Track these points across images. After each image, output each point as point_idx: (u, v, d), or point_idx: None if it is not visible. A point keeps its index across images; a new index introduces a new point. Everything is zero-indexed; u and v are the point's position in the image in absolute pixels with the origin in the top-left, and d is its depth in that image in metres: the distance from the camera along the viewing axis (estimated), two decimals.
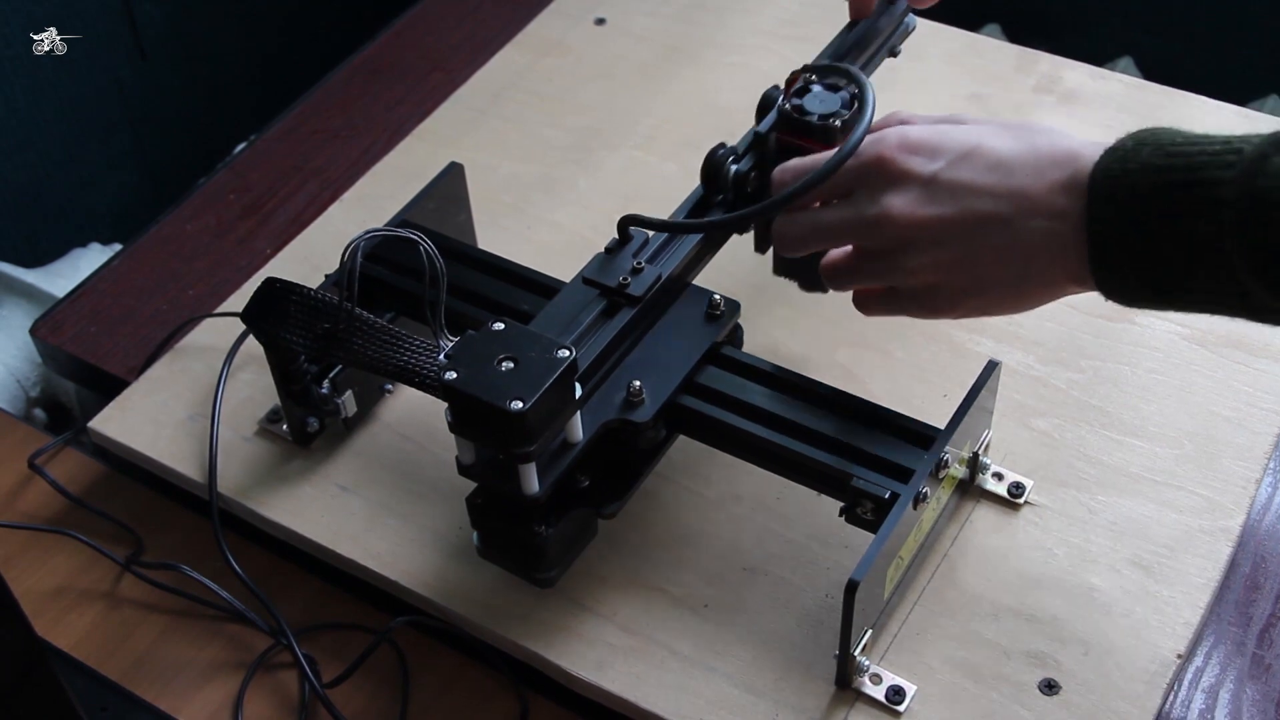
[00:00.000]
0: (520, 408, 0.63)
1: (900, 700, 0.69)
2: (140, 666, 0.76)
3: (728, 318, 0.76)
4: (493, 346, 0.65)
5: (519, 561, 0.73)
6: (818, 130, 0.73)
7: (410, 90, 1.09)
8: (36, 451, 0.86)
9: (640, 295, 0.73)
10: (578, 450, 0.69)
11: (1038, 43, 1.08)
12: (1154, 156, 0.59)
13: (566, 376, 0.65)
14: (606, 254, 0.76)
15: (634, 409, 0.71)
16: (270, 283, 0.72)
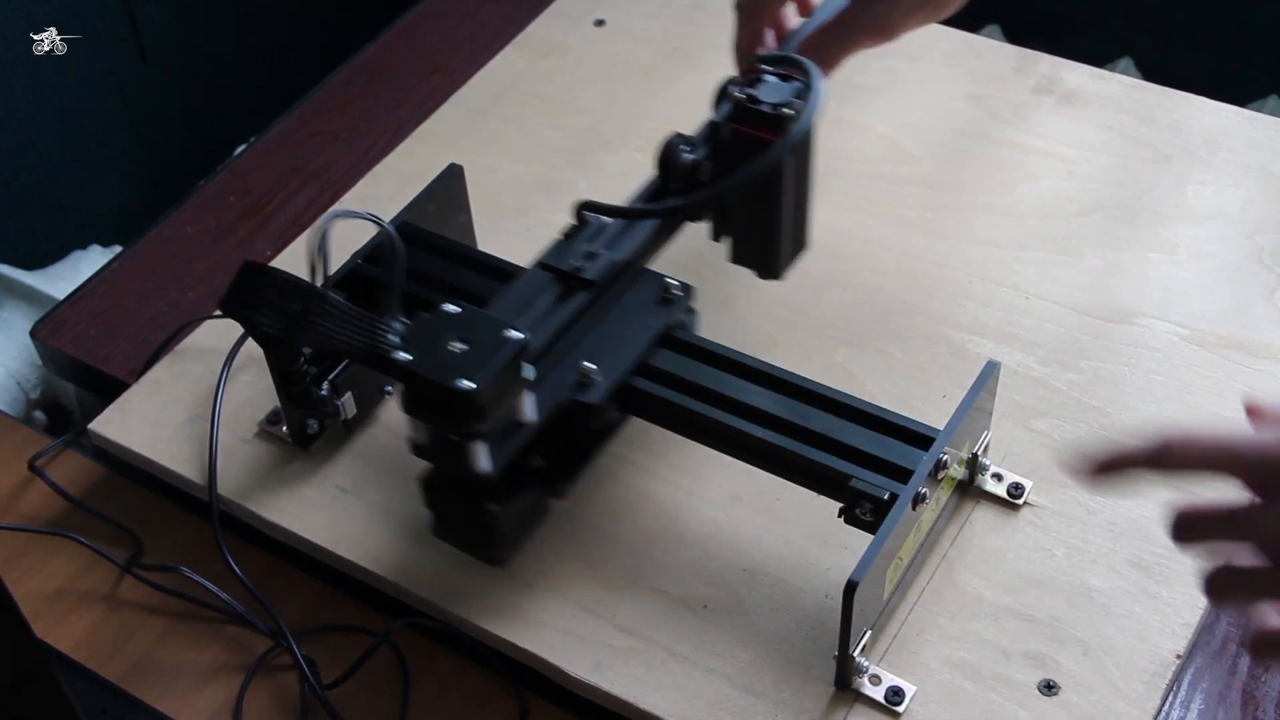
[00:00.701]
0: (470, 388, 0.64)
1: (899, 701, 0.69)
2: (140, 669, 0.76)
3: (681, 301, 0.77)
4: (445, 328, 0.67)
5: (471, 541, 0.75)
6: (770, 119, 0.74)
7: (410, 92, 1.09)
8: (37, 454, 0.86)
9: (594, 280, 0.75)
10: (530, 430, 0.70)
11: (1037, 43, 1.08)
12: None
13: (516, 357, 0.67)
14: (564, 239, 0.77)
15: (586, 390, 0.72)
16: (247, 266, 0.73)
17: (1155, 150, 0.97)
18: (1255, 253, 0.90)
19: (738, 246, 0.82)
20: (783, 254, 0.81)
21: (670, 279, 0.78)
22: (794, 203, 0.80)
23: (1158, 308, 0.87)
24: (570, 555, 0.76)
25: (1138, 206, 0.94)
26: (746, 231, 0.82)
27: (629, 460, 0.81)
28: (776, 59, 0.77)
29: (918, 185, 0.96)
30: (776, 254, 0.81)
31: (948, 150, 0.99)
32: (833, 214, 0.94)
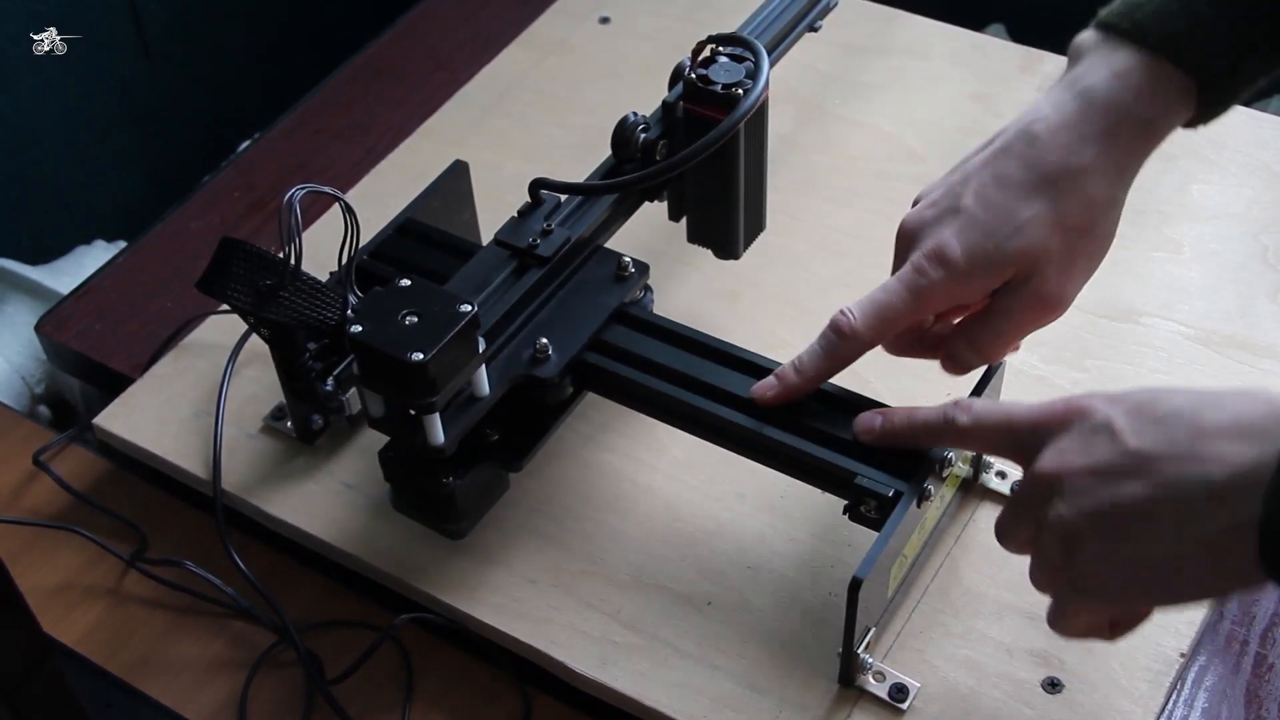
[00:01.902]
0: (420, 359, 0.65)
1: (903, 698, 0.69)
2: (144, 663, 0.76)
3: (636, 279, 0.78)
4: (399, 302, 0.68)
5: (430, 513, 0.77)
6: (721, 99, 0.76)
7: (414, 89, 1.09)
8: (41, 448, 0.86)
9: (549, 256, 0.76)
10: (484, 404, 0.71)
11: (1042, 43, 1.08)
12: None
13: (468, 330, 0.67)
14: (519, 216, 0.78)
15: (540, 365, 0.73)
16: (224, 241, 0.74)
17: (1160, 149, 0.97)
18: (1260, 252, 0.90)
19: (695, 226, 0.84)
20: (740, 234, 0.83)
21: (626, 256, 0.79)
22: (749, 182, 0.81)
23: (1162, 307, 0.87)
24: (575, 552, 0.76)
25: (1142, 206, 0.94)
26: (703, 211, 0.83)
27: (634, 458, 0.81)
28: (726, 39, 0.78)
29: (923, 184, 0.96)
30: (734, 233, 0.83)
31: (953, 149, 0.98)
32: (837, 212, 0.95)
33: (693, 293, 0.89)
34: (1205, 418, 0.53)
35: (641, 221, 0.83)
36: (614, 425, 0.82)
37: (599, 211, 0.79)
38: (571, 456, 0.81)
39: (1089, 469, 0.56)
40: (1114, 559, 0.55)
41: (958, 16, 1.10)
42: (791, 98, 1.03)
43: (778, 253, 0.90)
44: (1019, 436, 0.61)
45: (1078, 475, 0.56)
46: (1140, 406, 0.56)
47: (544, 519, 0.78)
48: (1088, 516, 0.56)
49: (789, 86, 1.03)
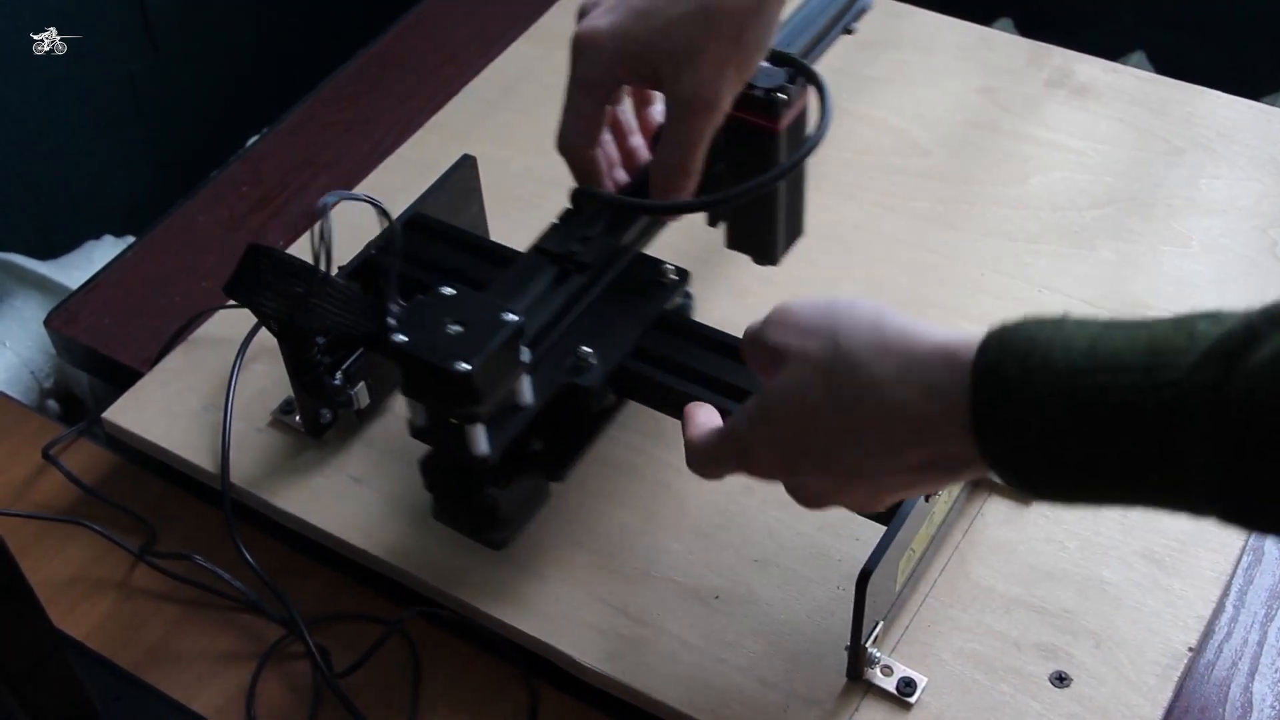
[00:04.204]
0: (465, 369, 0.64)
1: (911, 692, 0.69)
2: (153, 656, 0.76)
3: (677, 285, 0.77)
4: (442, 311, 0.67)
5: (471, 523, 0.76)
6: (763, 104, 0.75)
7: (422, 83, 1.09)
8: (50, 442, 0.86)
9: (590, 263, 0.75)
10: (528, 414, 0.70)
11: (1049, 37, 1.08)
12: (1051, 392, 0.49)
13: (513, 340, 0.67)
14: (560, 224, 0.77)
15: (583, 373, 0.72)
16: (250, 248, 0.73)
17: (1168, 143, 0.97)
18: (1269, 246, 0.90)
19: (734, 232, 0.83)
20: (779, 241, 0.82)
21: (667, 264, 0.78)
22: (790, 190, 0.80)
23: (1170, 300, 0.87)
24: (582, 545, 0.77)
25: (1150, 199, 0.93)
26: (743, 218, 0.82)
27: (642, 451, 0.81)
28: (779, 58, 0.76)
29: (930, 178, 0.96)
30: (773, 241, 0.82)
31: (960, 143, 0.99)
32: (844, 206, 0.94)
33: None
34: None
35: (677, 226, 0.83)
36: (621, 420, 0.82)
37: (639, 219, 0.78)
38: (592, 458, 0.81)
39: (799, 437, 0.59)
40: (832, 485, 0.60)
41: (965, 10, 1.10)
42: None
43: None
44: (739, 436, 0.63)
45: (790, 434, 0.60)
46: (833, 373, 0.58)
47: (552, 513, 0.78)
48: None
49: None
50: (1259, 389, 0.44)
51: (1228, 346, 0.45)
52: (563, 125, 0.74)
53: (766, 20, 0.70)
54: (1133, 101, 1.00)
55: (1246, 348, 0.45)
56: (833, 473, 0.59)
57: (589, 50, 0.71)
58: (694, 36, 0.69)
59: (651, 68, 0.70)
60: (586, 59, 0.71)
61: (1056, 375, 0.49)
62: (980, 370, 0.51)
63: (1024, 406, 0.50)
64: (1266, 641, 0.73)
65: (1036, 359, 0.50)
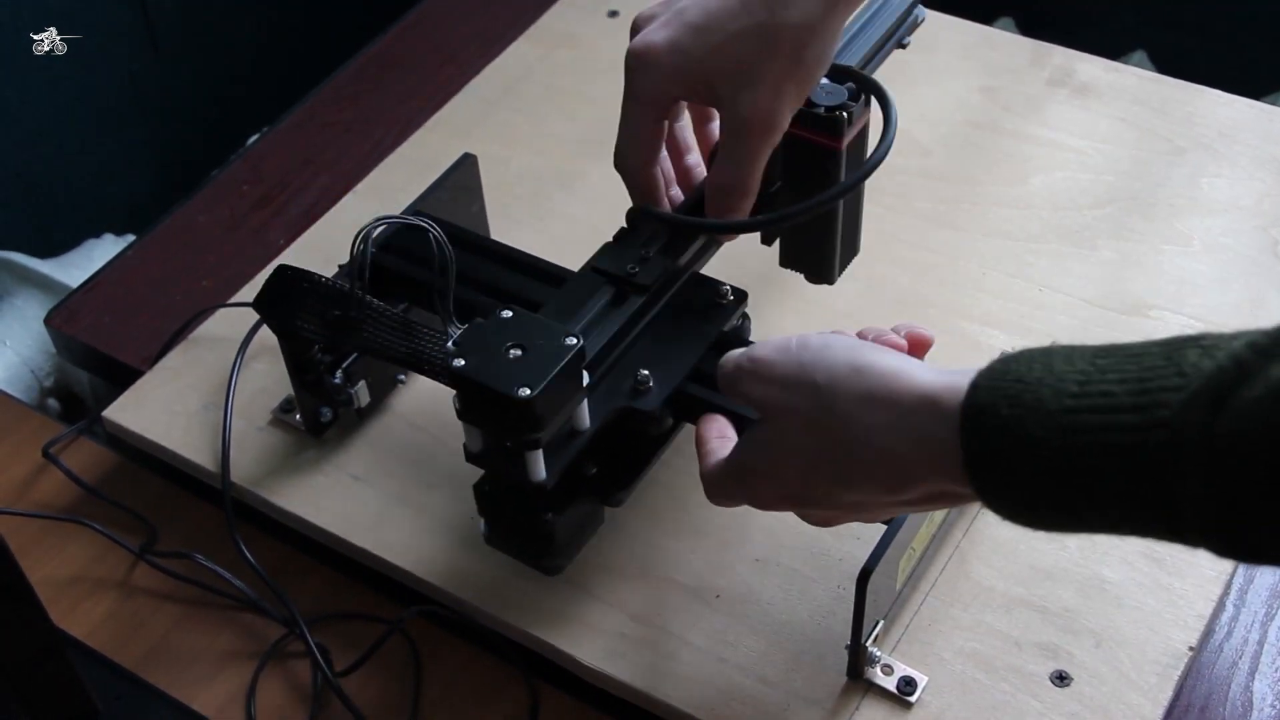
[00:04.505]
0: (528, 394, 0.63)
1: (912, 691, 0.69)
2: (154, 655, 0.76)
3: (735, 306, 0.76)
4: (501, 334, 0.66)
5: (526, 549, 0.73)
6: (824, 121, 0.73)
7: (422, 83, 1.09)
8: (51, 441, 0.86)
9: (648, 284, 0.73)
10: (585, 438, 0.69)
11: (1050, 36, 1.08)
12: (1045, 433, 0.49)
13: (574, 364, 0.65)
14: (615, 243, 0.76)
15: (641, 397, 0.71)
16: (282, 270, 0.73)
17: (1169, 143, 0.97)
18: (1270, 245, 0.90)
19: (789, 251, 0.81)
20: (835, 260, 0.80)
21: (725, 284, 0.76)
22: (848, 209, 0.79)
23: (1172, 300, 0.87)
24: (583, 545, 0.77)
25: (1152, 199, 0.93)
26: (799, 237, 0.80)
27: None
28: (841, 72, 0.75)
29: (931, 177, 0.96)
30: (830, 260, 0.80)
31: (961, 142, 0.99)
32: None
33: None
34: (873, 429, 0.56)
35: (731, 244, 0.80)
36: None
37: (697, 238, 0.76)
38: None
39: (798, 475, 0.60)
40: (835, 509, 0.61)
41: (966, 10, 1.10)
42: None
43: None
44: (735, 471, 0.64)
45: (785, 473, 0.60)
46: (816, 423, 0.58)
47: None
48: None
49: None
50: (1249, 428, 0.44)
51: (1218, 384, 0.45)
52: (620, 142, 0.72)
53: (828, 37, 0.68)
54: (1134, 101, 1.00)
55: (1236, 385, 0.45)
56: (838, 508, 0.60)
57: (645, 67, 0.69)
58: (752, 54, 0.67)
59: (709, 86, 0.69)
60: (642, 75, 0.69)
61: (1048, 415, 0.49)
62: (971, 413, 0.52)
63: (1017, 447, 0.50)
64: (1267, 640, 0.73)
65: (1029, 399, 0.50)
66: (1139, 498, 0.48)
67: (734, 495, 0.64)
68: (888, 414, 0.55)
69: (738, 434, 0.67)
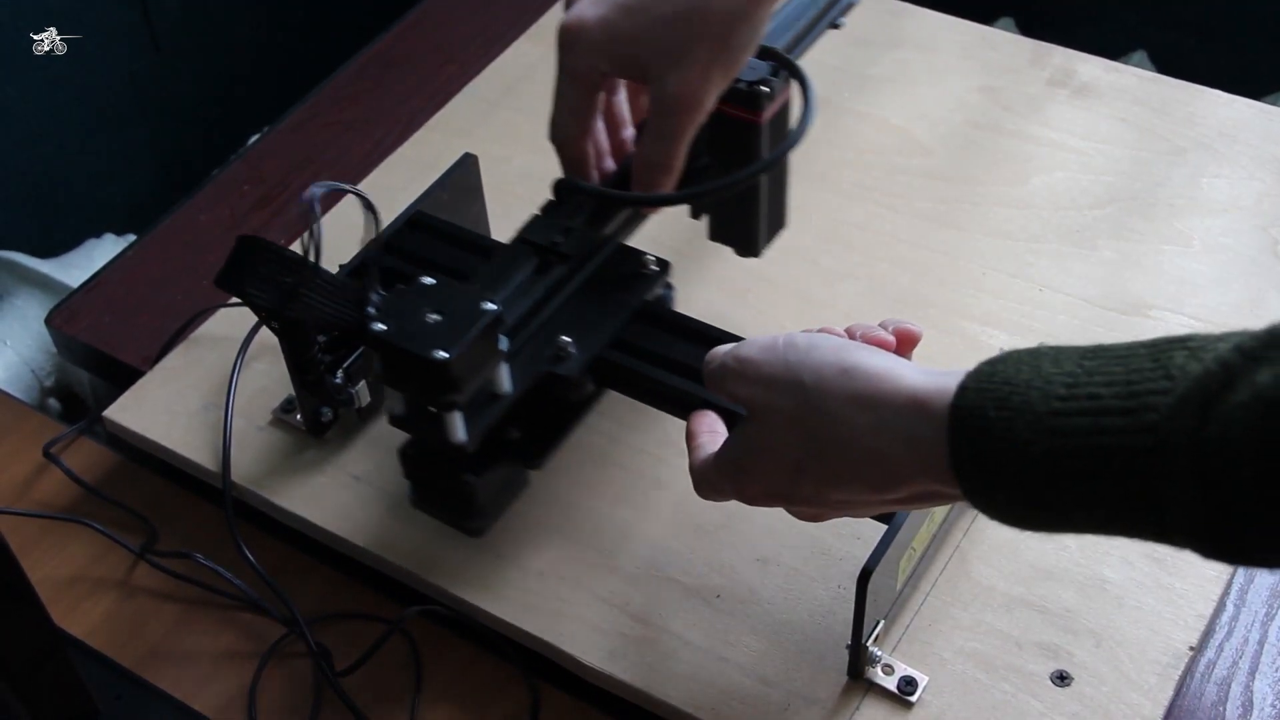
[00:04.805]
0: (444, 357, 0.65)
1: (912, 691, 0.69)
2: (154, 654, 0.76)
3: (658, 277, 0.78)
4: (422, 300, 0.68)
5: (450, 511, 0.77)
6: (745, 96, 0.75)
7: (423, 82, 1.09)
8: (51, 440, 0.86)
9: (572, 254, 0.75)
10: (506, 402, 0.71)
11: (1051, 36, 1.08)
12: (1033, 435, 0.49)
13: (491, 329, 0.67)
14: (542, 215, 0.77)
15: (562, 363, 0.73)
16: (240, 239, 0.73)
17: (1169, 143, 0.97)
18: (1270, 245, 0.90)
19: (717, 225, 0.84)
20: (761, 233, 0.83)
21: (648, 255, 0.78)
22: (772, 184, 0.81)
23: (1172, 300, 0.87)
24: (584, 544, 0.77)
25: (1152, 199, 0.93)
26: (725, 211, 0.83)
27: (644, 451, 0.81)
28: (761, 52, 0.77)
29: (931, 177, 0.96)
30: (755, 233, 0.82)
31: (961, 142, 0.99)
32: (846, 205, 0.94)
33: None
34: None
35: (660, 218, 0.83)
36: (624, 419, 0.82)
37: (622, 211, 0.78)
38: (580, 450, 0.81)
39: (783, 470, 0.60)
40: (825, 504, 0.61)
41: (966, 10, 1.10)
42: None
43: (786, 247, 0.90)
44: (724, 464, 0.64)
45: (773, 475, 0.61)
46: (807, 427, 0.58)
47: (554, 513, 0.78)
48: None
49: None
50: (1235, 434, 0.44)
51: (1204, 389, 0.46)
52: (553, 115, 0.74)
53: (754, 23, 0.70)
54: (1134, 101, 1.00)
55: (1223, 390, 0.45)
56: (827, 505, 0.60)
57: (574, 42, 0.71)
58: (681, 37, 0.69)
59: (637, 64, 0.71)
60: (572, 51, 0.71)
61: (1036, 417, 0.49)
62: (959, 415, 0.52)
63: (1004, 449, 0.50)
64: (1267, 640, 0.73)
65: (1016, 401, 0.50)
66: (1126, 500, 0.48)
67: (722, 490, 0.65)
68: (876, 415, 0.55)
69: (728, 429, 0.67)
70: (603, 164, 0.79)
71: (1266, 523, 0.45)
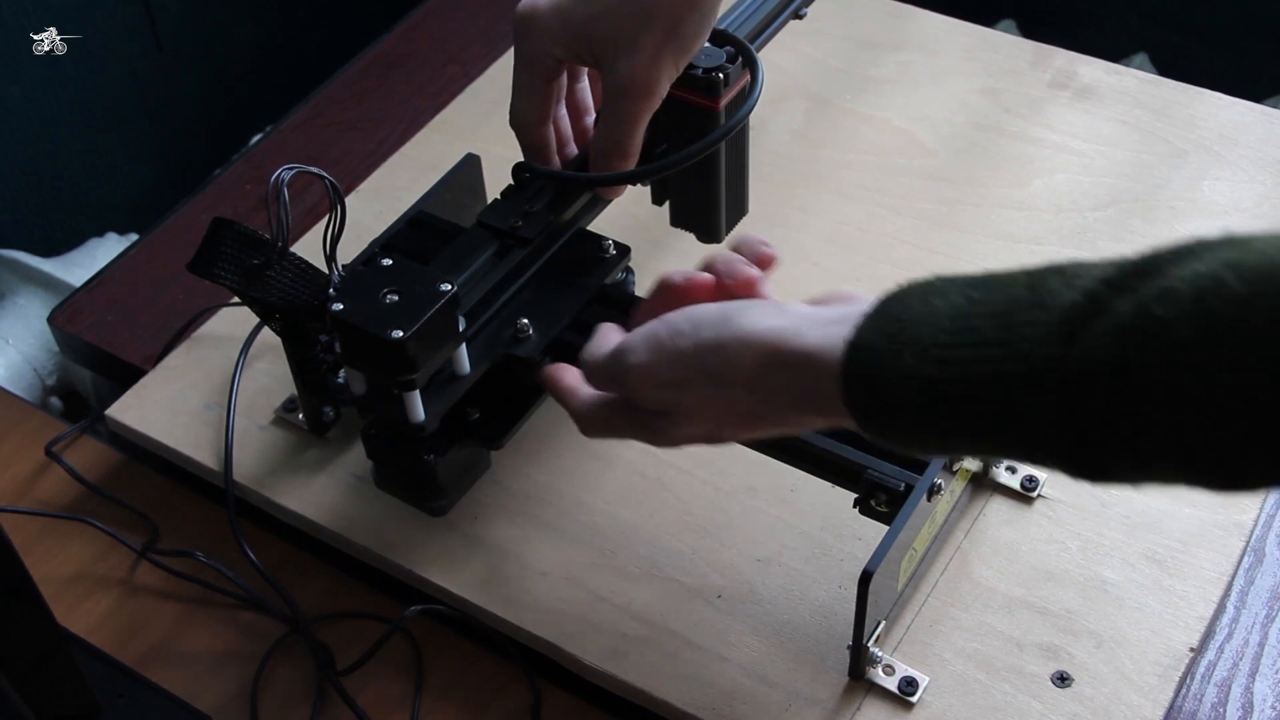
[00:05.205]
0: (400, 336, 0.66)
1: (913, 691, 0.69)
2: (156, 653, 0.76)
3: (617, 260, 0.79)
4: (380, 280, 0.69)
5: (411, 491, 0.78)
6: (701, 82, 0.76)
7: (425, 83, 1.10)
8: (53, 439, 0.86)
9: (530, 238, 0.76)
10: (465, 383, 0.72)
11: (1052, 39, 1.08)
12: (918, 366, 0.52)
13: (447, 309, 0.68)
14: (502, 199, 0.78)
15: (521, 344, 0.74)
16: (214, 220, 0.74)
17: (1171, 145, 0.97)
18: None
19: (678, 211, 0.85)
20: (722, 217, 0.83)
21: (607, 239, 0.79)
22: (731, 167, 0.81)
23: None
24: (585, 544, 0.77)
25: (1153, 201, 0.94)
26: (686, 197, 0.84)
27: (644, 450, 0.81)
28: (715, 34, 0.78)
29: (933, 178, 0.96)
30: (716, 217, 0.83)
31: (963, 144, 0.99)
32: (847, 207, 0.95)
33: None
34: None
35: (623, 203, 0.84)
36: None
37: (581, 195, 0.79)
38: (582, 450, 0.81)
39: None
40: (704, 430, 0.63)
41: (968, 12, 1.10)
42: (802, 93, 1.03)
43: (788, 247, 0.90)
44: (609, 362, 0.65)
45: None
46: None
47: (555, 512, 0.78)
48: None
49: (799, 81, 1.03)
50: (1095, 358, 0.47)
51: (1071, 318, 0.48)
52: (512, 100, 0.76)
53: (704, 12, 0.71)
54: (1135, 103, 1.00)
55: (1088, 319, 0.47)
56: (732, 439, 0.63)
57: (528, 29, 0.73)
58: (632, 25, 0.70)
59: (590, 50, 0.72)
60: (527, 36, 0.73)
61: (923, 350, 0.52)
62: (853, 353, 0.54)
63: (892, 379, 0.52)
64: (1268, 642, 0.73)
65: (906, 336, 0.52)
66: (1001, 424, 0.50)
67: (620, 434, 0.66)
68: (784, 377, 0.57)
69: None
70: (565, 150, 0.80)
71: (1122, 442, 0.47)
